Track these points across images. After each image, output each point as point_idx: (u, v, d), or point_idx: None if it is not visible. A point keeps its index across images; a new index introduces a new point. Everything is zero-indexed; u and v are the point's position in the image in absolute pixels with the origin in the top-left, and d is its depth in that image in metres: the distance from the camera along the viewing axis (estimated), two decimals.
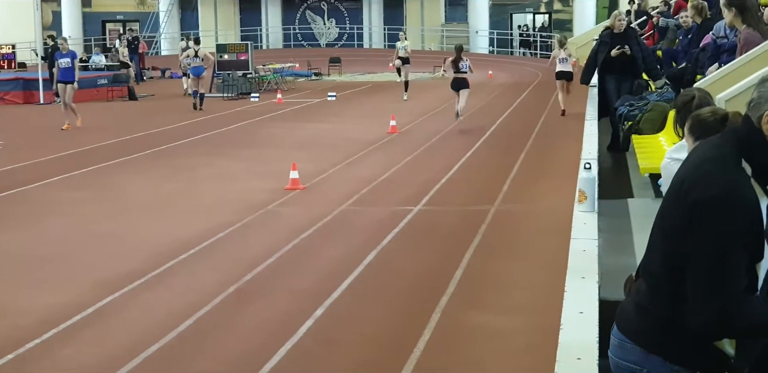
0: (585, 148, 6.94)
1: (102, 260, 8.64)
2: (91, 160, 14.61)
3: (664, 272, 2.82)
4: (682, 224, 2.73)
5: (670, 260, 2.79)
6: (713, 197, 2.68)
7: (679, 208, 2.75)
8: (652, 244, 2.93)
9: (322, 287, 7.51)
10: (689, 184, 2.75)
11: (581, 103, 15.32)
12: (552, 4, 43.51)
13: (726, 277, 2.67)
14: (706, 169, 2.76)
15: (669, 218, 2.82)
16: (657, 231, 2.90)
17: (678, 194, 2.78)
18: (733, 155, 2.74)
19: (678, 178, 2.86)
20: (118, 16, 46.99)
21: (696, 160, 2.85)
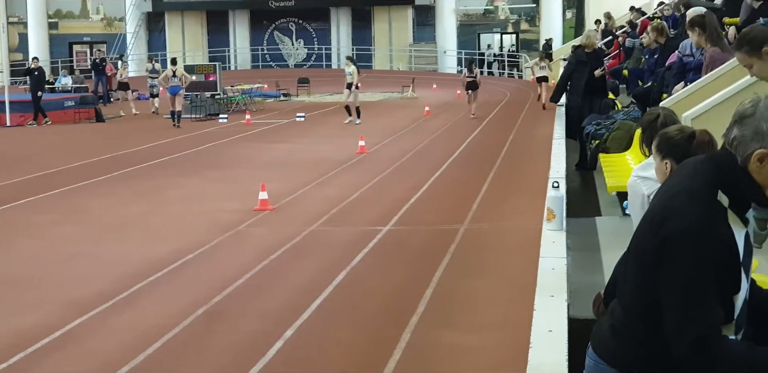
0: (553, 167, 6.98)
1: (71, 281, 8.59)
2: (59, 182, 14.53)
3: (639, 302, 2.80)
4: (654, 257, 2.70)
5: (645, 292, 2.76)
6: (684, 231, 2.64)
7: (652, 240, 2.72)
8: (626, 271, 2.91)
9: (292, 307, 7.49)
10: (661, 218, 2.71)
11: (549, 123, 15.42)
12: (519, 24, 43.79)
13: (699, 311, 2.62)
14: (680, 202, 2.71)
15: (641, 250, 2.79)
16: (631, 261, 2.88)
17: (651, 225, 2.75)
18: (709, 187, 2.69)
19: (651, 209, 2.83)
20: (85, 37, 46.83)
21: (670, 191, 2.80)
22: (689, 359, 2.63)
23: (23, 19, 46.31)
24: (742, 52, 4.73)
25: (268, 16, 45.87)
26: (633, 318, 2.83)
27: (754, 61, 4.70)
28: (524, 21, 43.66)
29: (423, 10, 44.24)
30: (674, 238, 2.64)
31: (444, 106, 28.60)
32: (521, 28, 43.78)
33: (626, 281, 2.89)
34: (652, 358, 2.80)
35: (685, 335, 2.63)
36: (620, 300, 2.92)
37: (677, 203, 2.70)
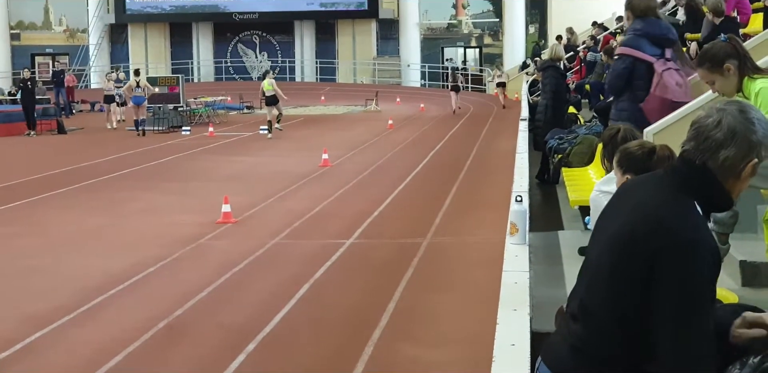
0: (516, 180, 6.99)
1: (30, 295, 8.49)
2: (19, 194, 14.39)
3: (607, 318, 2.78)
4: (640, 274, 2.66)
5: (619, 308, 2.72)
6: (678, 243, 2.63)
7: (635, 257, 2.68)
8: (588, 287, 2.88)
9: (255, 321, 7.46)
10: (645, 233, 2.68)
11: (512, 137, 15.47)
12: (482, 38, 44.02)
13: (701, 325, 2.62)
14: (664, 214, 2.70)
15: (616, 266, 2.74)
16: (599, 277, 2.85)
17: (632, 242, 2.71)
18: (686, 198, 2.72)
19: (626, 225, 2.78)
20: (48, 49, 46.53)
21: (644, 206, 2.78)
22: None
23: None
24: (704, 68, 4.77)
25: (231, 29, 45.82)
26: (597, 335, 2.81)
27: (716, 78, 4.74)
28: (487, 35, 43.90)
29: (387, 23, 44.37)
30: (668, 251, 2.62)
31: (407, 120, 28.67)
32: (484, 43, 44.02)
33: (590, 297, 2.87)
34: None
35: (688, 352, 2.61)
36: (581, 317, 2.89)
37: (662, 215, 2.69)
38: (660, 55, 7.09)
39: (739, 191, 2.78)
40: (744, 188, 2.81)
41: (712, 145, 2.73)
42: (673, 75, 7.02)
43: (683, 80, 7.00)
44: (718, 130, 2.73)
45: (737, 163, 2.72)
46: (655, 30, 7.13)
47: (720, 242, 4.85)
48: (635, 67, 7.11)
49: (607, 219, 2.94)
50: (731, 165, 2.72)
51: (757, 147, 2.73)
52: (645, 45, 7.15)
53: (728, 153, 2.72)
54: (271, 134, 23.53)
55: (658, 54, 7.10)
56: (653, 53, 7.10)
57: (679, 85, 7.01)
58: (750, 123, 2.74)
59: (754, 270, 5.62)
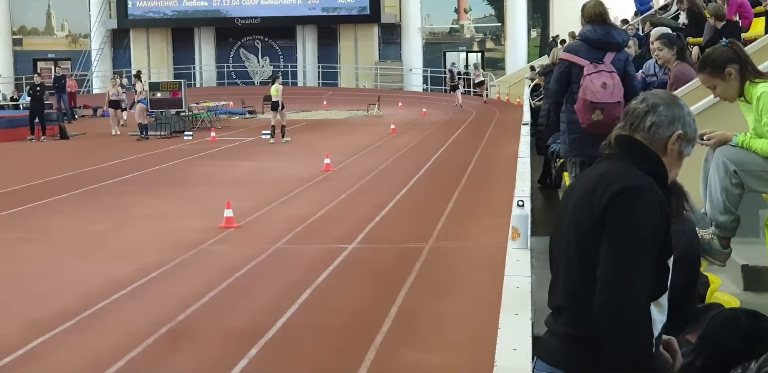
0: (518, 185, 6.99)
1: (31, 300, 8.50)
2: (21, 200, 14.40)
3: (591, 290, 2.81)
4: (597, 226, 2.80)
5: (590, 270, 2.81)
6: (628, 187, 2.80)
7: (594, 209, 2.82)
8: (567, 269, 2.93)
9: (257, 326, 7.46)
10: (602, 190, 2.83)
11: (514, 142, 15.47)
12: (484, 43, 44.04)
13: (637, 269, 2.74)
14: (615, 173, 2.88)
15: (581, 230, 2.86)
16: (570, 252, 2.90)
17: (588, 200, 2.85)
18: (636, 166, 2.91)
19: (582, 191, 2.92)
20: (50, 54, 46.58)
21: (599, 173, 2.94)
22: (603, 317, 2.71)
23: None
24: (705, 73, 4.77)
25: (234, 34, 45.86)
26: (586, 313, 2.82)
27: (717, 82, 4.74)
28: (489, 40, 43.92)
29: (389, 28, 44.39)
30: (618, 193, 2.79)
31: (410, 125, 28.68)
32: (487, 47, 44.03)
33: (567, 279, 2.92)
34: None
35: (613, 292, 2.71)
36: (567, 304, 2.92)
37: (613, 174, 2.88)
38: (599, 59, 7.39)
39: (673, 171, 2.99)
40: (678, 169, 3.02)
41: (639, 114, 2.98)
42: (600, 77, 7.33)
43: (612, 82, 7.30)
44: (643, 104, 3.00)
45: (664, 132, 2.94)
46: (592, 35, 7.48)
47: (721, 246, 4.85)
48: (572, 71, 7.48)
49: (566, 200, 3.01)
50: (657, 134, 2.94)
51: (681, 119, 2.97)
52: (583, 50, 7.50)
53: (654, 119, 2.95)
54: (274, 139, 23.52)
55: (599, 58, 7.40)
56: (592, 57, 7.41)
57: (605, 87, 7.30)
58: (675, 98, 3.03)
59: (756, 275, 5.62)
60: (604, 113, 7.29)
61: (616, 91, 7.30)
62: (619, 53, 7.54)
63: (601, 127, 7.31)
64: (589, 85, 7.34)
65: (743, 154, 4.72)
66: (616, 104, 7.24)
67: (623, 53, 7.63)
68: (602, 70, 7.40)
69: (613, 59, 7.46)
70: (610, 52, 7.47)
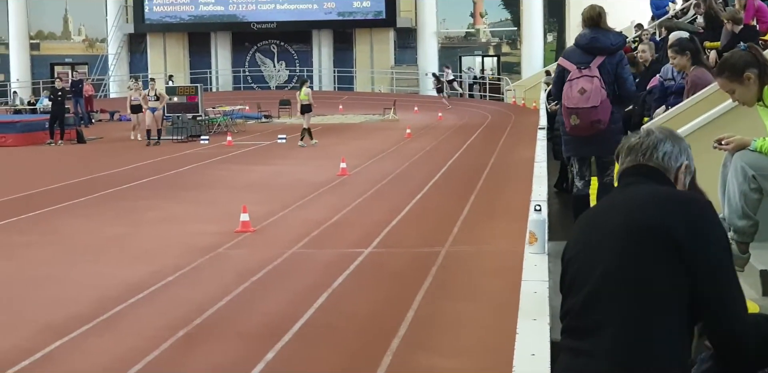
0: (535, 190, 6.97)
1: (49, 304, 8.52)
2: (38, 203, 14.45)
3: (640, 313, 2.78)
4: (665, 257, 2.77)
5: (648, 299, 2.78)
6: (703, 207, 2.85)
7: (663, 244, 2.79)
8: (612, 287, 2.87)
9: (273, 330, 7.45)
10: (666, 208, 2.83)
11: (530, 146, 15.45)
12: (500, 47, 44.01)
13: (739, 286, 2.82)
14: (667, 196, 2.90)
15: (644, 259, 2.80)
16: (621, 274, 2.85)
17: (654, 235, 2.80)
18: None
19: (632, 218, 2.87)
20: (67, 59, 46.79)
21: (646, 193, 2.94)
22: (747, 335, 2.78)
23: (5, 40, 46.29)
24: (724, 77, 4.75)
25: (250, 38, 45.97)
26: (639, 331, 2.79)
27: (735, 87, 4.72)
28: (505, 44, 43.89)
29: (404, 32, 44.43)
30: (697, 207, 2.84)
31: (425, 129, 28.67)
32: (502, 51, 44.00)
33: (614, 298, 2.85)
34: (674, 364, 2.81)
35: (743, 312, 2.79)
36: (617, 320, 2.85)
37: (668, 191, 2.94)
38: (587, 64, 7.64)
39: None
40: None
41: (650, 145, 3.03)
42: (580, 82, 7.58)
43: (591, 86, 7.52)
44: (650, 137, 3.06)
45: (674, 162, 3.01)
46: (581, 40, 7.78)
47: (740, 251, 4.82)
48: (564, 74, 7.78)
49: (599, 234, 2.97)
50: (670, 163, 3.01)
51: (686, 151, 3.05)
52: (575, 54, 7.80)
53: (665, 149, 3.01)
54: (304, 142, 23.60)
55: (587, 62, 7.66)
56: (582, 61, 7.67)
57: (582, 92, 7.55)
58: (674, 131, 3.13)
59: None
60: (580, 118, 7.56)
61: (592, 96, 7.52)
62: (610, 57, 7.74)
63: (580, 130, 7.64)
64: (568, 90, 7.62)
65: (762, 159, 4.69)
66: (591, 109, 7.52)
67: (615, 56, 7.81)
68: (585, 75, 7.63)
69: (602, 63, 7.68)
70: (599, 56, 7.69)
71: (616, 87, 7.73)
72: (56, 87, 27.25)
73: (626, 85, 7.82)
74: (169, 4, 45.69)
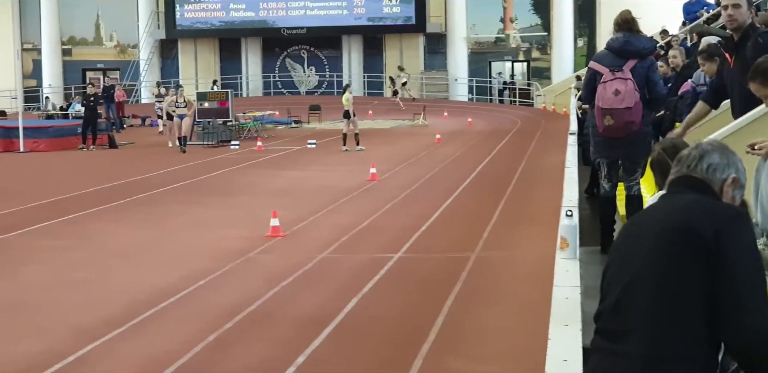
0: (566, 195, 6.95)
1: (81, 308, 8.58)
2: (71, 208, 14.55)
3: (662, 318, 2.81)
4: (697, 257, 2.81)
5: (672, 307, 2.81)
6: (734, 216, 2.88)
7: (692, 246, 2.83)
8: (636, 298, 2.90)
9: (303, 334, 7.47)
10: (699, 220, 2.86)
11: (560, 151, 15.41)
12: (530, 52, 43.90)
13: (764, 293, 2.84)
14: (703, 204, 2.94)
15: (673, 263, 2.85)
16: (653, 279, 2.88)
17: (686, 233, 2.85)
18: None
19: (669, 225, 2.90)
20: (99, 64, 47.10)
21: (684, 204, 2.97)
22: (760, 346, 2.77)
23: (37, 46, 46.64)
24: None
25: (280, 44, 46.09)
26: (664, 333, 2.81)
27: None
28: (535, 49, 43.76)
29: (434, 38, 44.39)
30: (731, 218, 2.87)
31: (455, 134, 28.65)
32: (532, 56, 43.87)
33: (644, 302, 2.88)
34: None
35: (761, 321, 2.77)
36: (646, 323, 2.87)
37: (702, 206, 2.94)
38: (619, 67, 7.82)
39: None
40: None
41: (695, 157, 3.09)
42: (613, 84, 7.76)
43: (626, 88, 7.72)
44: (697, 149, 3.12)
45: (720, 174, 3.04)
46: (612, 44, 7.99)
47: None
48: (595, 77, 7.95)
49: (634, 238, 3.00)
50: (715, 176, 3.04)
51: (735, 165, 3.08)
52: (606, 58, 8.00)
53: (710, 161, 3.06)
54: (347, 147, 23.74)
55: (619, 65, 7.83)
56: (614, 65, 7.85)
57: (616, 94, 7.73)
58: (726, 145, 3.14)
59: None
60: (614, 118, 7.74)
61: (627, 98, 7.71)
62: (642, 60, 7.92)
63: (614, 131, 7.78)
64: (602, 92, 7.79)
65: None
66: (625, 110, 7.71)
67: (647, 60, 8.00)
68: (618, 78, 7.79)
69: (634, 66, 7.85)
70: (631, 59, 7.86)
71: (646, 90, 7.84)
72: (89, 92, 27.44)
73: (657, 89, 7.95)
74: (200, 10, 45.89)
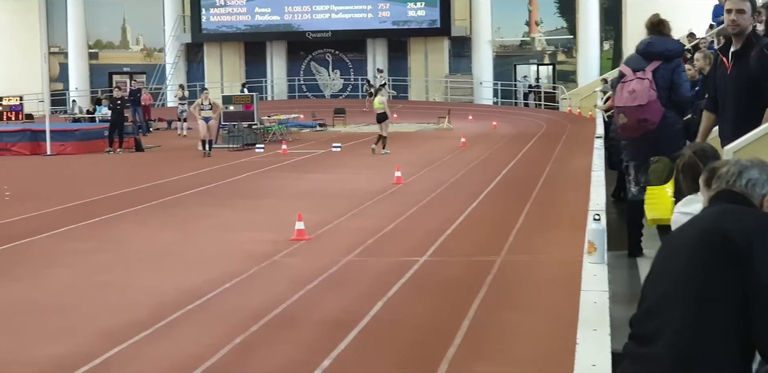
0: (593, 198, 6.92)
1: (107, 310, 8.60)
2: (97, 211, 14.62)
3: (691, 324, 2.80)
4: (724, 266, 2.82)
5: (702, 313, 2.81)
6: (766, 224, 2.91)
7: (724, 253, 2.85)
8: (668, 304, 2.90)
9: (329, 338, 7.46)
10: (728, 228, 2.88)
11: (586, 155, 15.36)
12: (556, 55, 43.80)
13: None
14: (734, 211, 2.97)
15: (705, 268, 2.86)
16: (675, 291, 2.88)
17: (716, 244, 2.87)
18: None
19: (702, 228, 2.94)
20: (125, 68, 47.39)
21: (715, 217, 3.00)
22: None
23: (64, 49, 46.99)
24: None
25: (305, 47, 46.21)
26: (693, 340, 2.80)
27: None
28: (561, 52, 43.66)
29: (459, 41, 44.39)
30: (763, 230, 2.88)
31: (480, 138, 28.61)
32: (558, 60, 43.78)
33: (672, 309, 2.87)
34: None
35: None
36: (667, 330, 2.87)
37: (733, 212, 2.97)
38: (642, 68, 8.00)
39: None
40: None
41: (734, 173, 3.11)
42: (630, 84, 7.95)
43: (641, 87, 7.89)
44: (736, 165, 3.14)
45: (760, 189, 3.06)
46: (638, 46, 8.23)
47: None
48: (621, 79, 8.24)
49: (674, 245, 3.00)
50: (755, 190, 3.06)
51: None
52: (633, 60, 8.23)
53: (749, 176, 3.08)
54: (377, 150, 23.78)
55: (643, 67, 8.01)
56: (639, 66, 8.03)
57: (631, 92, 7.92)
58: (765, 161, 3.17)
59: None
60: (627, 116, 7.89)
61: (640, 96, 7.87)
62: (666, 63, 8.05)
63: (628, 130, 7.87)
64: (619, 91, 8.02)
65: None
66: (637, 108, 7.85)
67: (672, 62, 8.12)
68: (637, 78, 7.96)
69: (657, 68, 8.00)
70: (655, 61, 8.01)
71: (671, 93, 7.89)
72: (115, 96, 27.60)
73: (680, 91, 8.02)
74: (225, 14, 46.10)
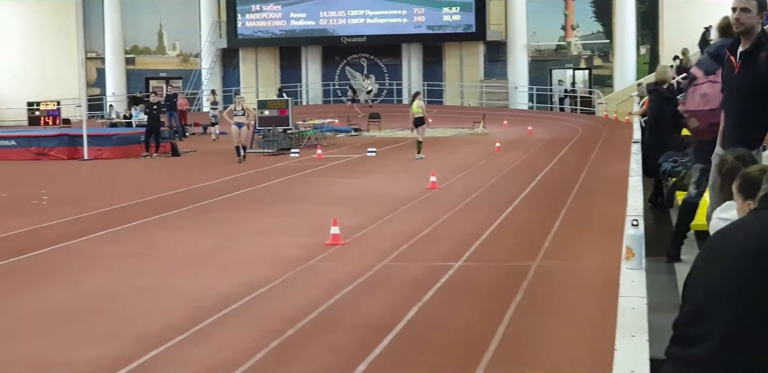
0: (630, 204, 6.88)
1: (144, 314, 8.66)
2: (134, 215, 14.72)
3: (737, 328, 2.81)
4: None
5: (747, 317, 2.83)
6: None
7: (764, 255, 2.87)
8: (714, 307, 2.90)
9: (364, 343, 7.47)
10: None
11: (623, 160, 15.28)
12: (592, 59, 43.60)
13: None
14: None
15: (752, 273, 2.87)
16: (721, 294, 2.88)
17: (759, 247, 2.90)
18: None
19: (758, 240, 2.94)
20: (161, 73, 47.70)
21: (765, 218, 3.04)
22: None
23: (101, 55, 47.37)
24: None
25: (340, 52, 46.31)
26: (738, 343, 2.81)
27: None
28: (597, 56, 43.45)
29: (494, 46, 44.29)
30: None
31: (515, 143, 28.54)
32: (594, 64, 43.57)
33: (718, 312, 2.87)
34: None
35: None
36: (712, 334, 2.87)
37: None
38: (713, 71, 7.96)
39: None
40: None
41: None
42: (702, 88, 7.99)
43: (713, 91, 7.81)
44: None
45: None
46: (709, 48, 8.42)
47: None
48: (692, 82, 8.29)
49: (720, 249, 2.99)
50: None
51: None
52: (705, 62, 8.25)
53: None
54: (420, 155, 23.80)
55: (714, 69, 7.92)
56: (710, 68, 8.02)
57: (703, 96, 7.94)
58: None
59: None
60: (700, 121, 7.90)
61: (711, 100, 7.81)
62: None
63: (700, 134, 7.74)
64: (691, 95, 8.04)
65: None
66: (709, 112, 7.77)
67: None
68: (709, 81, 7.92)
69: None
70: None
71: None
72: (151, 101, 27.78)
73: None
74: (261, 20, 46.29)
